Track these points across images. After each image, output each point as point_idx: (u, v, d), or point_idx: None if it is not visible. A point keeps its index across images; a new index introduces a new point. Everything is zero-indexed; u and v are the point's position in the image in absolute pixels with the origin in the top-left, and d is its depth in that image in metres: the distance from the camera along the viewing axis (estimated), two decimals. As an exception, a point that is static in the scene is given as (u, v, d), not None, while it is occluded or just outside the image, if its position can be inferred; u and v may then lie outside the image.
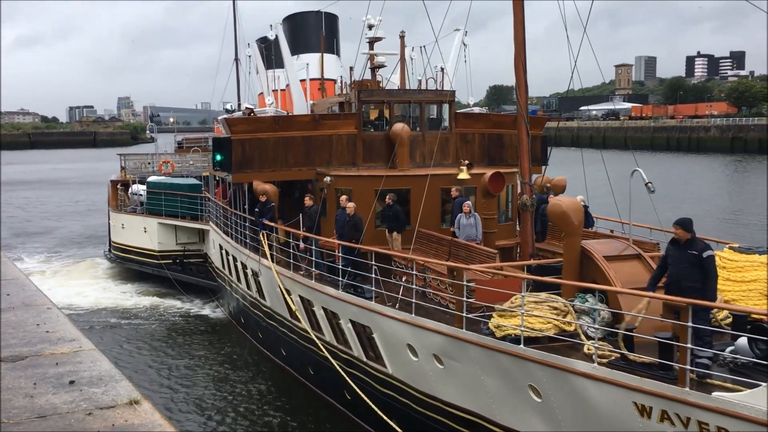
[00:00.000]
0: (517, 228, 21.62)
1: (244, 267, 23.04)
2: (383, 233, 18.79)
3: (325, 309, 16.89)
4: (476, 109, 25.68)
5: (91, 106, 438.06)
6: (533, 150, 24.72)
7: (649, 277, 11.23)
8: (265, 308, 21.81)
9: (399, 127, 20.50)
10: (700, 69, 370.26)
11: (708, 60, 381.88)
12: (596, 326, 10.76)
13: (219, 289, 29.71)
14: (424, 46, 27.25)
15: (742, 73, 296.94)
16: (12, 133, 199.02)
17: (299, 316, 18.73)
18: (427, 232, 16.58)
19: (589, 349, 10.40)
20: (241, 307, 25.06)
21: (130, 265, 34.64)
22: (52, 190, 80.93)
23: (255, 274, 21.74)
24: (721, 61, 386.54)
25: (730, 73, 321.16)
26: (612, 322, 11.03)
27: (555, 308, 10.99)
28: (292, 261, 18.18)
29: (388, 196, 17.98)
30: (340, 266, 15.75)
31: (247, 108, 23.60)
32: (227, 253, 25.78)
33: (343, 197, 18.11)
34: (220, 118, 34.06)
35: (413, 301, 13.10)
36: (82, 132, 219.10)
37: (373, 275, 14.43)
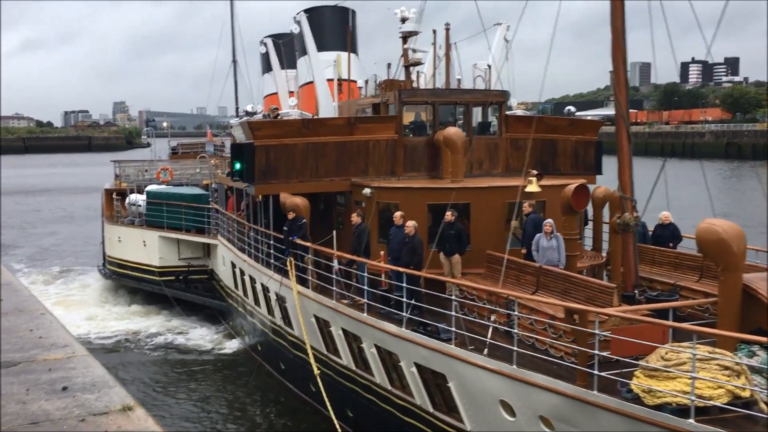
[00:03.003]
0: (583, 246, 19.17)
1: (266, 290, 20.31)
2: (436, 255, 16.07)
3: (378, 347, 14.20)
4: (519, 112, 23.13)
5: (87, 111, 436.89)
6: (586, 157, 22.29)
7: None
8: (291, 338, 19.09)
9: (452, 131, 17.82)
10: (694, 75, 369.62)
11: (702, 66, 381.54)
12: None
13: (227, 309, 26.96)
14: (455, 43, 24.75)
15: (737, 79, 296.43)
16: (6, 138, 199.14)
17: (341, 352, 16.07)
18: (509, 257, 13.88)
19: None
20: (259, 333, 22.34)
21: (128, 282, 31.77)
22: (42, 197, 77.79)
23: (281, 299, 19.03)
24: (715, 67, 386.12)
25: (724, 79, 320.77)
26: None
27: (726, 367, 8.36)
28: (334, 288, 15.47)
29: (449, 212, 15.29)
30: (404, 298, 13.04)
31: (271, 110, 20.81)
32: (242, 273, 23.03)
33: (398, 214, 15.43)
34: (234, 121, 31.25)
35: (514, 348, 10.42)
36: (77, 136, 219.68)
37: (453, 313, 11.73)
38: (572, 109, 22.99)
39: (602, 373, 9.06)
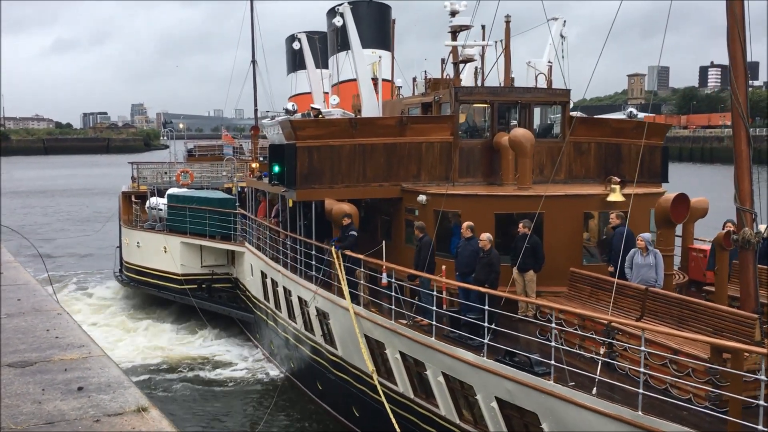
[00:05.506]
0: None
1: (304, 303, 18.67)
2: (506, 272, 14.34)
3: (447, 376, 12.51)
4: (577, 113, 21.41)
5: (105, 113, 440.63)
6: (652, 164, 20.54)
7: None
8: (333, 357, 17.44)
9: (521, 132, 16.10)
10: (713, 79, 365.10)
11: (722, 70, 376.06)
12: None
13: (254, 321, 25.33)
14: (500, 41, 23.07)
15: (756, 83, 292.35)
16: (26, 139, 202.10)
17: (397, 378, 14.40)
18: (604, 277, 12.15)
19: None
20: (292, 349, 20.70)
21: (147, 290, 30.25)
22: (59, 198, 76.74)
23: (322, 315, 17.39)
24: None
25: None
26: None
27: None
28: (393, 307, 13.81)
29: (522, 223, 13.61)
30: (483, 321, 11.35)
31: (312, 108, 19.23)
32: (274, 283, 21.41)
33: (466, 224, 13.76)
34: (267, 121, 29.71)
35: (639, 391, 8.71)
36: (95, 138, 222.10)
37: (553, 342, 10.03)
38: (634, 111, 21.24)
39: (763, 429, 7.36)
